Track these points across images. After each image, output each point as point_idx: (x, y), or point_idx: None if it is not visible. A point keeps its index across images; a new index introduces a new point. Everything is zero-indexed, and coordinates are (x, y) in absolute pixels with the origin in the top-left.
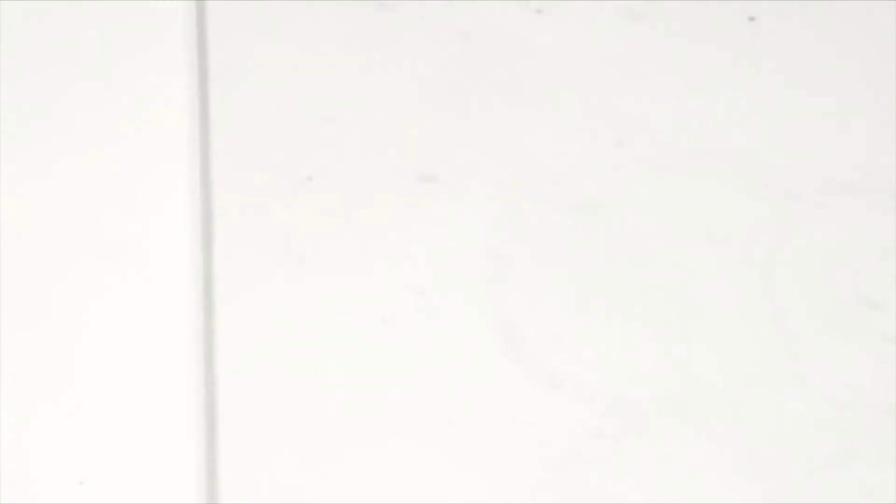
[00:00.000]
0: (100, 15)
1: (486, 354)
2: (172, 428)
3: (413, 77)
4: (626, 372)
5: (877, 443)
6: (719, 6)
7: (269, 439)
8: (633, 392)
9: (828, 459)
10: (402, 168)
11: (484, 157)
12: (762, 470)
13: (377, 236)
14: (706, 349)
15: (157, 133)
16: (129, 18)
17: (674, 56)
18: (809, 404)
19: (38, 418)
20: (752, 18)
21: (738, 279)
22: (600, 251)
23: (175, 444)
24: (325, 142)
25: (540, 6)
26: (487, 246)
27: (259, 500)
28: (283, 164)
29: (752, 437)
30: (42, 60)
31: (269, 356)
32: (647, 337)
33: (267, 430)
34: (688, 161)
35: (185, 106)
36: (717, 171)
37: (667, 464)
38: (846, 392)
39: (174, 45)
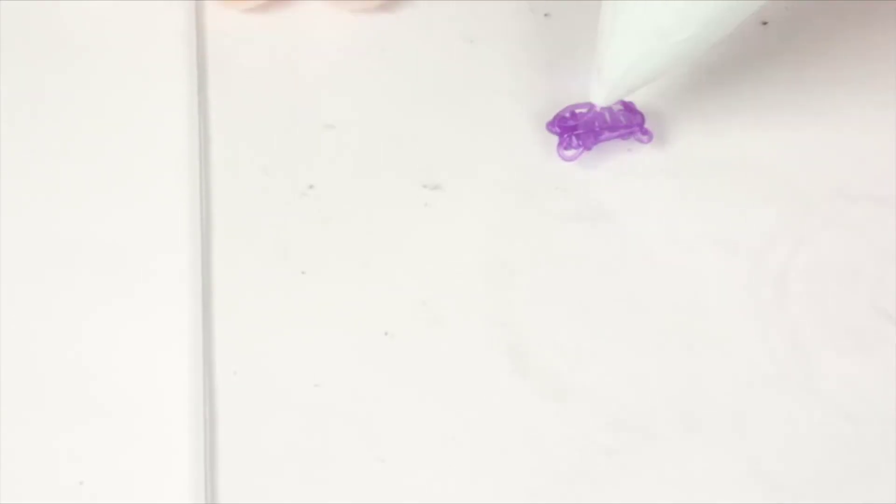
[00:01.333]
0: (97, 16)
1: (491, 367)
2: (172, 433)
3: (417, 82)
4: (634, 384)
5: (893, 458)
6: None
7: (268, 452)
8: (642, 405)
9: (842, 475)
10: (405, 176)
11: (489, 165)
12: (774, 485)
13: (379, 246)
14: (717, 361)
15: (155, 140)
16: (127, 20)
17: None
18: (823, 418)
19: (38, 419)
20: (764, 23)
21: (750, 289)
22: (607, 260)
23: (175, 447)
24: (325, 149)
25: (548, 9)
26: (492, 256)
27: None
28: (284, 172)
29: (763, 452)
30: (37, 61)
31: (268, 367)
32: (655, 348)
33: (267, 443)
34: (698, 168)
35: (183, 111)
36: (729, 178)
37: (676, 478)
38: (861, 406)
39: (172, 50)
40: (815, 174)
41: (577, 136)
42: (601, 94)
